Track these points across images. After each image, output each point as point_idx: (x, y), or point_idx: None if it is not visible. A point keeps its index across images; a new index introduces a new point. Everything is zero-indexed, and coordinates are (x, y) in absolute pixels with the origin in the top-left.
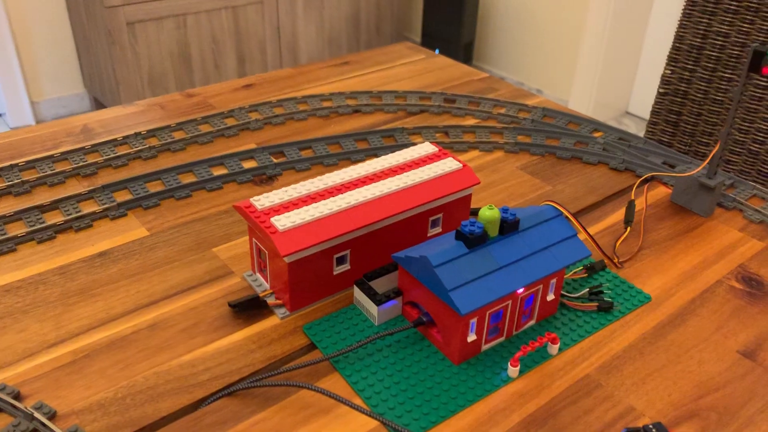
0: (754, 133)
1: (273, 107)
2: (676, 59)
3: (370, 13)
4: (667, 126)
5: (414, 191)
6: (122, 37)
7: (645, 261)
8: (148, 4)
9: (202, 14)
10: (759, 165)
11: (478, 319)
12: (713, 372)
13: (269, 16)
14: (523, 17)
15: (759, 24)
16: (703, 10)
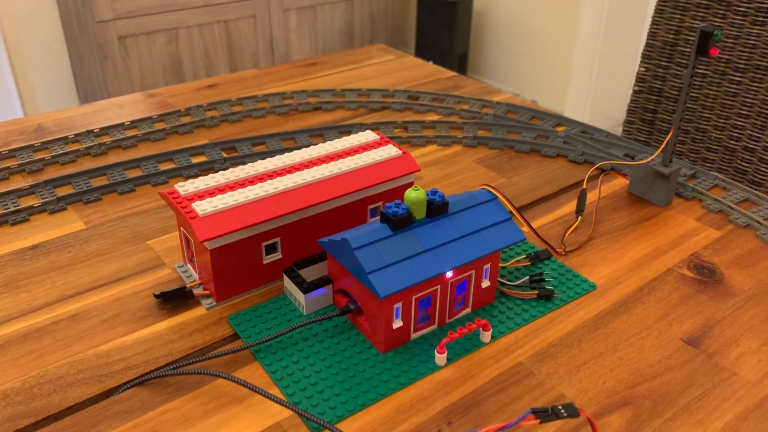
0: (729, 129)
1: (232, 105)
2: (650, 56)
3: (364, 26)
4: (644, 125)
5: (348, 177)
6: (114, 51)
7: (594, 250)
8: (140, 19)
9: (194, 28)
10: (736, 162)
11: (403, 304)
12: (653, 360)
13: (262, 29)
14: (517, 28)
15: (731, 18)
16: (675, 5)
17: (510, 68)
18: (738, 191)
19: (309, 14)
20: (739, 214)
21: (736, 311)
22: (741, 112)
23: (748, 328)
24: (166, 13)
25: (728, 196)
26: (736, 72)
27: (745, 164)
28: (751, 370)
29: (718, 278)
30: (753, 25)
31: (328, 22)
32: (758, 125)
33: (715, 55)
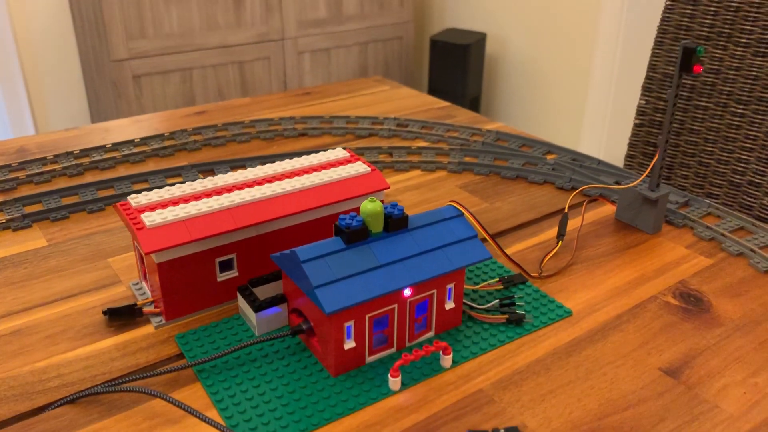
0: (734, 163)
1: (217, 131)
2: (650, 89)
3: (378, 69)
4: (645, 158)
5: (311, 193)
6: (128, 89)
7: (573, 276)
8: (155, 58)
9: (209, 68)
10: (741, 197)
11: (355, 323)
12: (626, 390)
13: (276, 71)
14: (529, 72)
15: (732, 49)
16: (674, 37)
17: (523, 111)
18: (732, 219)
19: (323, 57)
20: (732, 242)
21: (723, 341)
22: (745, 146)
23: (734, 360)
24: (181, 53)
25: (722, 224)
26: (738, 104)
27: (751, 199)
28: (735, 403)
29: (706, 307)
30: (754, 56)
31: (342, 65)
32: (763, 159)
33: (698, 72)
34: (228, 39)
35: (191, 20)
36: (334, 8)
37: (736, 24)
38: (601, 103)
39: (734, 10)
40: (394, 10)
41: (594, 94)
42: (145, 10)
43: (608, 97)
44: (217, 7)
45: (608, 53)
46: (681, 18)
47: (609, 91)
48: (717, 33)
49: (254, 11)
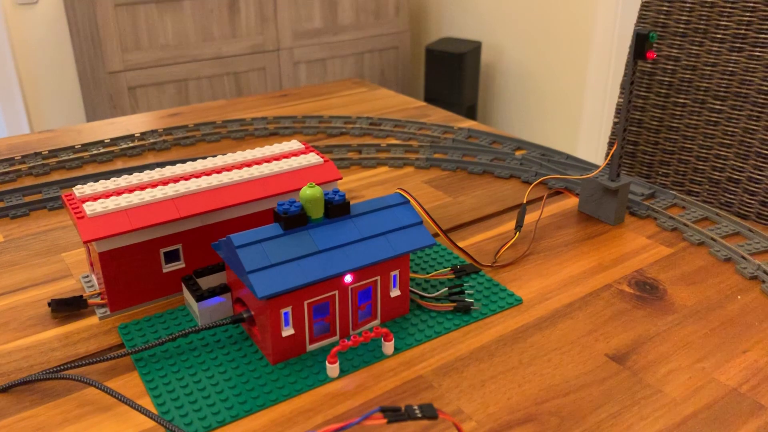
0: (713, 160)
1: (188, 131)
2: None
3: (374, 78)
4: (625, 157)
5: (260, 183)
6: (123, 101)
7: (529, 266)
8: (150, 70)
9: (204, 80)
10: (721, 194)
11: (293, 309)
12: (569, 375)
13: (272, 81)
14: (525, 79)
15: (708, 45)
16: None
17: (520, 118)
18: (697, 210)
19: (319, 67)
20: (694, 232)
21: (673, 327)
22: (723, 142)
23: (683, 345)
24: (176, 65)
25: (685, 215)
26: (715, 100)
27: (731, 196)
28: (678, 387)
29: (660, 295)
30: (730, 52)
31: (338, 75)
32: (741, 155)
33: (652, 58)
34: (223, 50)
35: (186, 31)
36: (330, 19)
37: (711, 20)
38: (597, 109)
39: (709, 6)
40: (389, 20)
41: (590, 99)
42: (140, 22)
43: (604, 102)
44: (211, 18)
45: (603, 59)
46: (657, 15)
47: (605, 97)
48: (693, 29)
49: (249, 22)
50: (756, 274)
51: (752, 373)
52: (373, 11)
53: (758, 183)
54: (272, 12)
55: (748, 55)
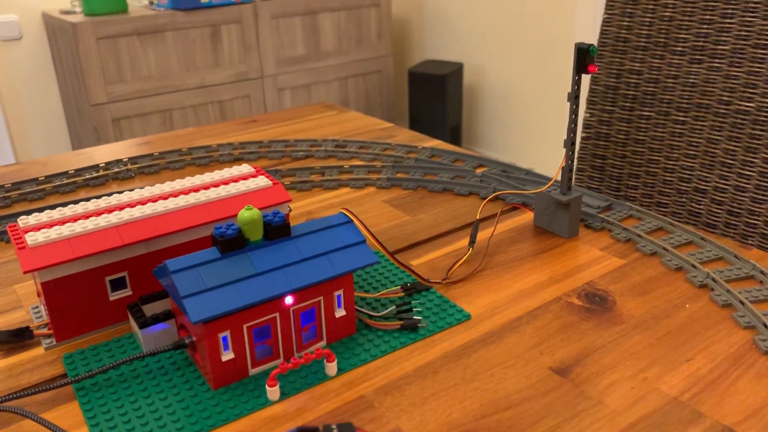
0: (679, 171)
1: (153, 159)
2: (594, 102)
3: (359, 103)
4: (594, 171)
5: (206, 208)
6: (108, 133)
7: (480, 281)
8: (134, 101)
9: (188, 109)
10: (689, 205)
11: (232, 333)
12: (511, 390)
13: (257, 108)
14: (508, 99)
15: (669, 58)
16: (614, 49)
17: (504, 138)
18: (652, 220)
19: (304, 93)
20: (647, 242)
21: (620, 338)
22: (689, 153)
23: (628, 356)
24: (160, 95)
25: (640, 226)
26: (678, 112)
27: (698, 206)
28: (619, 398)
29: (609, 306)
30: (690, 64)
31: (323, 100)
32: (706, 165)
33: (593, 71)
34: (206, 79)
35: (169, 62)
36: (312, 45)
37: (671, 33)
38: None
39: (668, 19)
40: (372, 45)
41: None
42: (122, 54)
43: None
44: (194, 49)
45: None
46: (619, 30)
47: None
48: (654, 43)
49: (232, 51)
50: (705, 282)
51: (694, 382)
52: (355, 36)
53: (724, 192)
54: (254, 40)
55: (708, 66)
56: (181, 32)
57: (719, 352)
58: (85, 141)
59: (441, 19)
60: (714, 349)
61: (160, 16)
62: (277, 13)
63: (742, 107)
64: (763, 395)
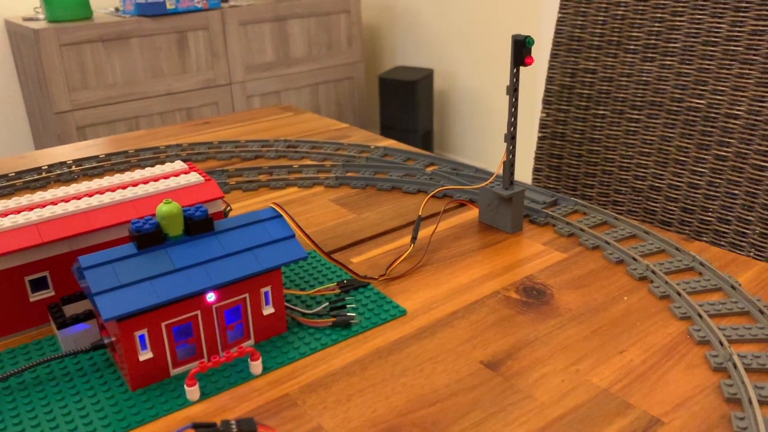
0: (634, 169)
1: (98, 161)
2: (550, 101)
3: (331, 110)
4: (551, 171)
5: (133, 205)
6: (72, 141)
7: (420, 277)
8: (99, 109)
9: (155, 116)
10: (645, 203)
11: (150, 331)
12: (440, 385)
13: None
14: (477, 103)
15: (622, 56)
16: (568, 49)
17: (475, 143)
18: (596, 215)
19: (273, 100)
20: (589, 236)
21: (555, 331)
22: (643, 150)
23: (561, 349)
24: (126, 102)
25: (584, 221)
26: (633, 110)
27: (654, 204)
28: (548, 391)
29: (547, 299)
30: (643, 62)
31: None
32: (660, 162)
33: (530, 63)
34: (174, 86)
35: (135, 69)
36: (282, 52)
37: (623, 32)
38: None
39: (620, 18)
40: (342, 52)
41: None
42: (86, 61)
43: None
44: (160, 56)
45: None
46: (572, 29)
47: None
48: (607, 41)
49: (199, 58)
50: (645, 275)
51: (625, 374)
52: (325, 43)
53: (677, 189)
54: (222, 47)
55: (660, 64)
56: (147, 39)
57: (653, 343)
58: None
59: (411, 25)
60: (648, 340)
61: (126, 22)
62: (245, 19)
63: (693, 104)
64: (693, 385)
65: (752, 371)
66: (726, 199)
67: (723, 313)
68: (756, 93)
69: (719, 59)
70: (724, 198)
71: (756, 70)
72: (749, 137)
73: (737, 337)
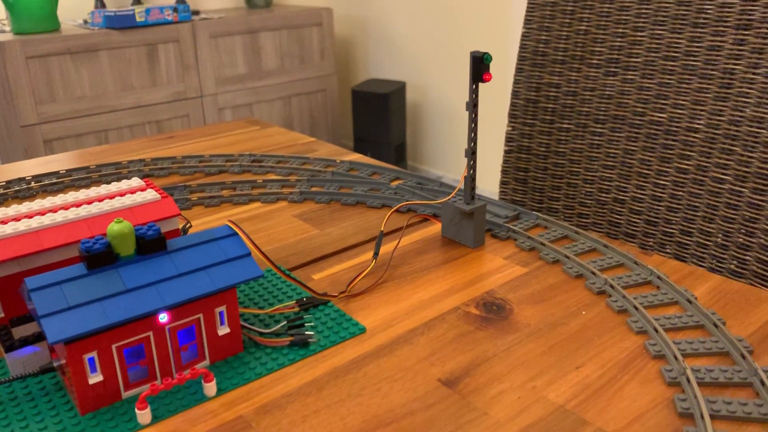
0: (599, 182)
1: (58, 177)
2: (515, 115)
3: (304, 122)
4: (518, 184)
5: (87, 223)
6: (39, 154)
7: (381, 293)
8: (67, 122)
9: (125, 129)
10: (609, 215)
11: (99, 354)
12: (396, 404)
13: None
14: (450, 116)
15: (585, 71)
16: (533, 63)
17: (448, 155)
18: (558, 229)
19: (245, 112)
20: (550, 250)
21: (513, 347)
22: (607, 164)
23: (519, 364)
24: (95, 115)
25: (545, 234)
26: (596, 124)
27: (618, 216)
28: (505, 408)
29: (506, 315)
30: (606, 76)
31: (266, 119)
32: (624, 175)
33: (488, 80)
34: (144, 99)
35: (103, 82)
36: (254, 64)
37: (586, 47)
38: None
39: (583, 33)
40: (315, 64)
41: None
42: (54, 74)
43: None
44: (130, 68)
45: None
46: (537, 44)
47: None
48: (571, 56)
49: (170, 71)
50: (603, 289)
51: (581, 389)
52: (298, 56)
53: (641, 202)
54: (193, 59)
55: (622, 78)
56: (116, 51)
57: (610, 358)
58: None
59: (384, 38)
60: (605, 355)
61: (94, 35)
62: (216, 32)
63: (655, 118)
64: (647, 400)
65: (705, 385)
66: (688, 212)
67: (679, 326)
68: (714, 107)
69: (679, 74)
70: (686, 210)
71: (714, 84)
72: (709, 150)
73: (692, 350)
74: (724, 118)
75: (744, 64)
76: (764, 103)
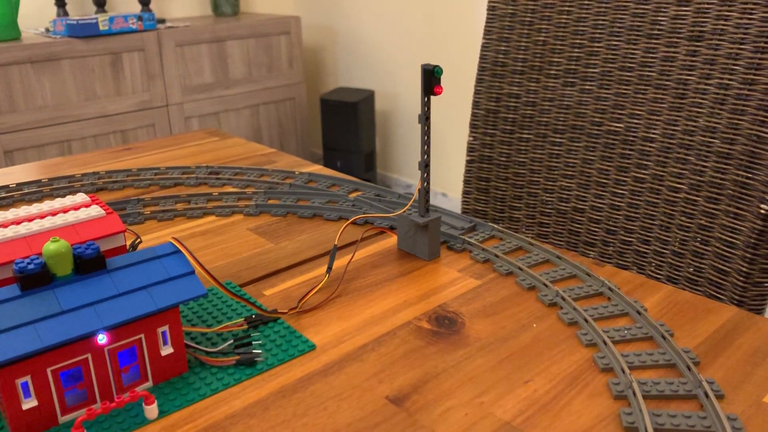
0: (558, 191)
1: (7, 191)
2: (476, 125)
3: (272, 132)
4: (480, 194)
5: (26, 242)
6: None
7: (333, 309)
8: (28, 132)
9: (89, 139)
10: (569, 225)
11: (33, 378)
12: (342, 423)
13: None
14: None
15: (544, 81)
16: (492, 74)
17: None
18: (513, 240)
19: (212, 121)
20: (504, 262)
21: (463, 362)
22: (566, 173)
23: (468, 380)
24: (57, 125)
25: (500, 246)
26: (555, 134)
27: (578, 225)
28: (452, 426)
29: (457, 328)
30: (564, 86)
31: (234, 128)
32: (583, 185)
33: (439, 93)
34: (108, 108)
35: (66, 91)
36: (221, 73)
37: (545, 57)
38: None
39: (542, 44)
40: (283, 72)
41: None
42: (14, 83)
43: None
44: (93, 77)
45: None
46: (496, 55)
47: None
48: (530, 67)
49: (134, 80)
50: (555, 301)
51: (528, 405)
52: (265, 64)
53: (600, 211)
54: (159, 68)
55: (580, 89)
56: (79, 60)
57: (558, 372)
58: None
59: (352, 47)
60: (554, 369)
61: (56, 43)
62: (182, 40)
63: (612, 128)
64: (594, 414)
65: (651, 398)
66: (645, 220)
67: (627, 339)
68: (669, 117)
69: (635, 84)
70: (644, 219)
71: (668, 95)
72: (664, 160)
73: (639, 363)
74: (678, 128)
75: (697, 74)
76: (716, 114)
